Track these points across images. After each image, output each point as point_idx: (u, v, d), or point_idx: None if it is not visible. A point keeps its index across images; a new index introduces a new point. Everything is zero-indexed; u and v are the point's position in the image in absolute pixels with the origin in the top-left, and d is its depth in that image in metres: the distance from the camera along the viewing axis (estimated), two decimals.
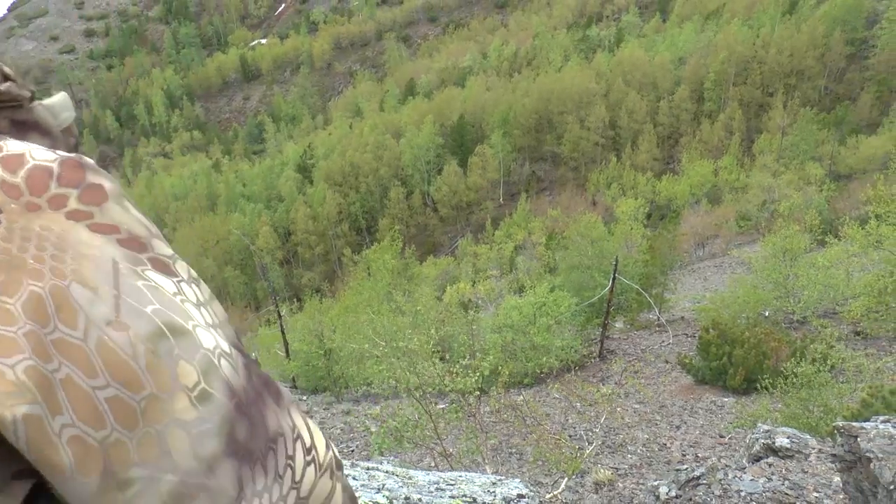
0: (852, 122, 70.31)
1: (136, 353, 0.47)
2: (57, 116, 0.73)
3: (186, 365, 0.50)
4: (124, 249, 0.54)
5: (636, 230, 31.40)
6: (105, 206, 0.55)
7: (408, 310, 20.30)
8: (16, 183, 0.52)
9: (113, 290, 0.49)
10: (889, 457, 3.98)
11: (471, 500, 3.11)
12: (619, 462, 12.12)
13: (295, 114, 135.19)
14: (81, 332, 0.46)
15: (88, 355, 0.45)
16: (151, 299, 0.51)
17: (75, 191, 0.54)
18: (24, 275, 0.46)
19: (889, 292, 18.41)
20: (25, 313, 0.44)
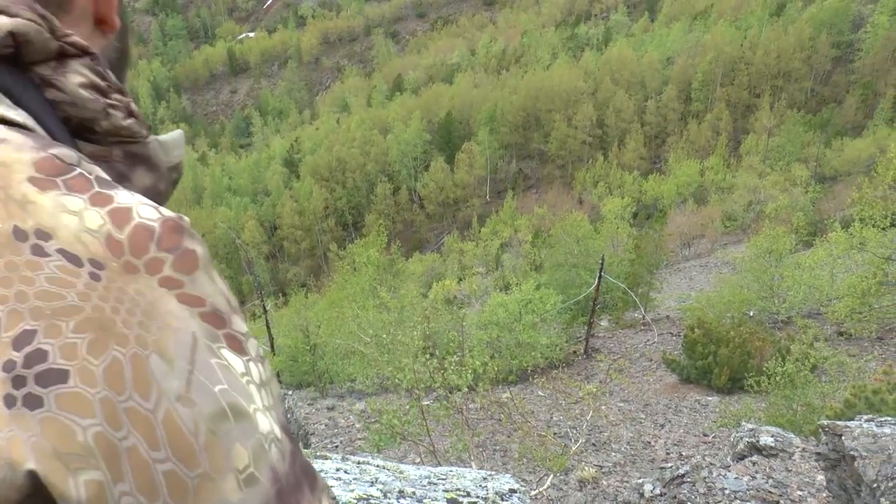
0: (837, 125, 70.84)
1: (198, 431, 0.48)
2: (168, 153, 0.76)
3: (241, 448, 0.50)
4: (205, 324, 0.54)
5: (622, 229, 31.51)
6: (195, 275, 0.55)
7: (393, 306, 20.29)
8: (120, 240, 0.52)
9: (187, 366, 0.50)
10: (872, 455, 4.01)
11: (465, 494, 3.11)
12: (603, 460, 12.16)
13: (282, 108, 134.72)
14: (152, 403, 0.46)
15: (155, 427, 0.46)
16: (221, 378, 0.52)
17: (171, 256, 0.54)
18: (111, 338, 0.47)
19: (872, 293, 18.56)
20: (105, 378, 0.45)
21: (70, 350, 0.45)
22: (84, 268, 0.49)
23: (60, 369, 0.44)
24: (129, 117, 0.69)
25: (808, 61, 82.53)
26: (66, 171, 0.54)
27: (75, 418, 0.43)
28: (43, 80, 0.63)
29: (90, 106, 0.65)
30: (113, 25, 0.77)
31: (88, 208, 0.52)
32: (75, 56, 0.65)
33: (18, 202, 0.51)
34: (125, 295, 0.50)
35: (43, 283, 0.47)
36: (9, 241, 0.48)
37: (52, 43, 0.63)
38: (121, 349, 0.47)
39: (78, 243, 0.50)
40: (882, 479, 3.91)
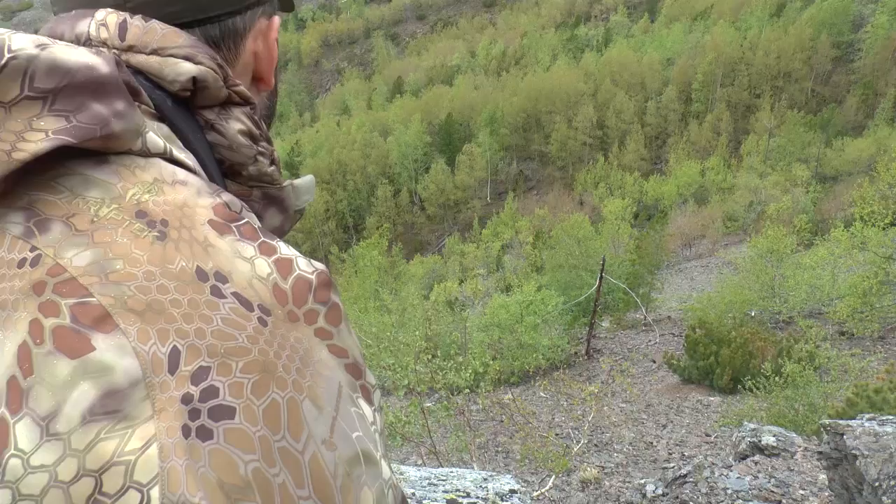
0: (838, 125, 70.77)
1: (337, 474, 0.50)
2: (299, 198, 0.81)
3: (368, 492, 0.53)
4: (348, 375, 0.57)
5: (623, 230, 31.58)
6: (340, 328, 0.59)
7: (394, 308, 20.30)
8: (285, 289, 0.56)
9: (333, 412, 0.53)
10: (874, 454, 4.01)
11: (465, 495, 3.12)
12: (605, 460, 12.16)
13: (282, 111, 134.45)
14: (302, 445, 0.49)
15: (302, 468, 0.48)
16: (357, 426, 0.55)
17: (324, 308, 0.58)
18: (272, 381, 0.50)
19: (873, 293, 18.56)
20: (264, 418, 0.48)
21: (237, 389, 0.48)
22: (254, 312, 0.53)
23: (229, 406, 0.47)
24: (272, 165, 0.75)
25: (808, 61, 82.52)
26: (238, 219, 0.59)
27: (239, 452, 0.46)
28: (207, 122, 0.69)
29: (244, 151, 0.71)
30: (269, 84, 0.85)
31: (258, 256, 0.56)
32: (238, 104, 0.71)
33: (201, 244, 0.55)
34: (287, 342, 0.53)
35: (219, 322, 0.50)
36: (193, 280, 0.52)
37: (223, 91, 0.69)
38: (280, 392, 0.50)
39: (250, 288, 0.54)
40: (884, 478, 3.91)
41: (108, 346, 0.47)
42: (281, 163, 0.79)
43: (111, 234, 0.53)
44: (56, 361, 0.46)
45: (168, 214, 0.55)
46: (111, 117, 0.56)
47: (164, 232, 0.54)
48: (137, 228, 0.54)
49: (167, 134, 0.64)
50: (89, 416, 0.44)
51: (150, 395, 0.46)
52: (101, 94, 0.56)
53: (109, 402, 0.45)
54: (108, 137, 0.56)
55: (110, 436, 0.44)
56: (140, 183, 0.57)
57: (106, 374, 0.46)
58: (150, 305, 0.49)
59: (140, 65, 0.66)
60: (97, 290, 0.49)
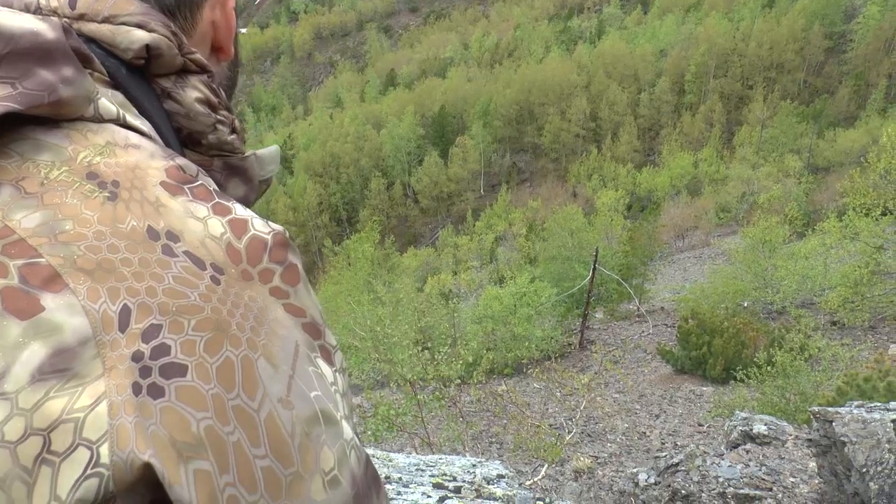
0: (830, 116, 70.92)
1: (294, 433, 0.50)
2: (263, 168, 0.80)
3: (328, 451, 0.53)
4: (305, 334, 0.57)
5: (616, 221, 31.60)
6: (298, 287, 0.59)
7: (388, 300, 20.31)
8: (238, 249, 0.56)
9: (290, 371, 0.52)
10: (862, 440, 4.04)
11: (451, 479, 3.13)
12: (598, 450, 12.22)
13: (275, 104, 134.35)
14: (257, 403, 0.49)
15: (258, 426, 0.48)
16: (316, 386, 0.54)
17: (280, 268, 0.58)
18: (225, 339, 0.50)
19: (864, 283, 18.65)
20: (218, 376, 0.48)
21: (190, 347, 0.48)
22: (206, 271, 0.53)
23: (181, 364, 0.47)
24: (233, 133, 0.74)
25: (800, 52, 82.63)
26: (191, 180, 0.59)
27: (191, 410, 0.46)
28: (164, 91, 0.68)
29: (202, 120, 0.71)
30: (228, 54, 0.84)
31: (211, 216, 0.56)
32: (195, 72, 0.71)
33: (152, 204, 0.55)
34: (241, 300, 0.53)
35: (170, 281, 0.50)
36: (144, 239, 0.52)
37: (178, 58, 0.68)
38: (234, 350, 0.50)
39: (202, 247, 0.54)
40: (871, 464, 3.95)
41: (57, 306, 0.46)
42: (245, 133, 0.79)
43: (61, 196, 0.52)
44: (6, 323, 0.45)
45: (119, 176, 0.55)
46: (59, 83, 0.55)
47: (115, 192, 0.54)
48: (88, 189, 0.53)
49: (122, 101, 0.63)
50: (38, 376, 0.44)
51: (100, 353, 0.46)
52: (47, 61, 0.55)
53: (59, 360, 0.45)
54: (56, 104, 0.55)
55: (59, 394, 0.44)
56: (92, 146, 0.57)
57: (55, 333, 0.45)
58: (99, 265, 0.49)
59: (92, 33, 0.65)
60: (46, 251, 0.48)
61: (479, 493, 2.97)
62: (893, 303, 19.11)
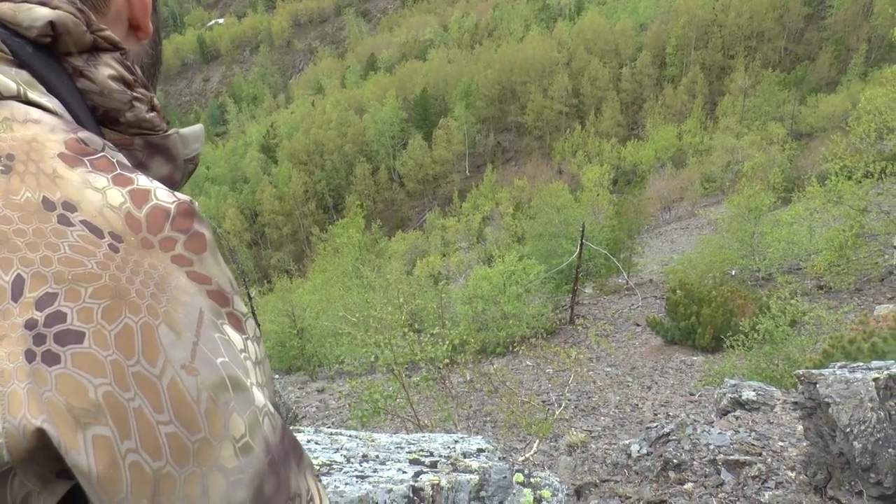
0: (812, 82, 71.06)
1: (200, 399, 0.50)
2: (187, 146, 0.79)
3: (238, 418, 0.52)
4: (211, 301, 0.57)
5: (602, 196, 31.63)
6: (203, 255, 0.58)
7: (377, 285, 20.30)
8: (139, 218, 0.55)
9: (193, 338, 0.52)
10: (845, 401, 4.07)
11: (428, 454, 3.13)
12: (592, 424, 12.25)
13: (256, 93, 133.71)
14: (158, 370, 0.48)
15: (160, 392, 0.48)
16: (223, 352, 0.54)
17: (183, 236, 0.57)
18: (124, 306, 0.49)
19: (849, 246, 18.77)
20: (116, 343, 0.47)
21: (87, 314, 0.47)
22: (104, 240, 0.52)
23: (77, 331, 0.46)
24: (152, 111, 0.73)
25: (780, 20, 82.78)
26: (92, 153, 0.58)
27: (88, 376, 0.45)
28: (75, 69, 0.67)
29: (117, 97, 0.69)
30: (146, 31, 0.82)
31: (111, 187, 0.56)
32: (107, 50, 0.69)
33: (49, 175, 0.54)
34: (140, 268, 0.52)
35: (66, 250, 0.50)
36: (38, 210, 0.51)
37: (87, 36, 0.66)
38: (133, 317, 0.49)
39: (100, 217, 0.53)
40: (855, 423, 3.97)
41: None
42: (163, 111, 0.75)
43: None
44: None
45: (15, 149, 0.54)
46: None
47: (8, 166, 0.53)
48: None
49: (26, 79, 0.61)
50: None
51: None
52: None
53: None
54: None
55: None
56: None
57: None
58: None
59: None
60: None
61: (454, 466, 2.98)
62: (878, 264, 19.26)
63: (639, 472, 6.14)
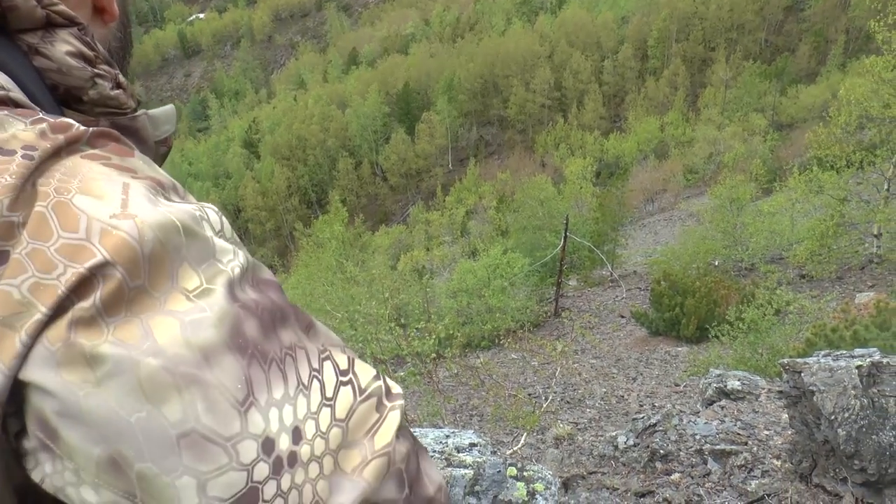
0: (792, 73, 71.43)
1: (143, 238, 0.46)
2: (157, 128, 0.76)
3: (189, 269, 0.48)
4: (144, 181, 0.53)
5: (585, 189, 31.67)
6: (127, 158, 0.55)
7: (361, 279, 20.26)
8: (52, 135, 0.52)
9: (122, 196, 0.49)
10: (830, 388, 4.10)
11: None
12: (578, 417, 12.29)
13: (238, 88, 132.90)
14: (83, 231, 0.46)
15: (91, 247, 0.45)
16: (166, 205, 0.51)
17: (109, 143, 0.56)
18: (34, 199, 0.47)
19: (830, 235, 18.92)
20: (29, 233, 0.45)
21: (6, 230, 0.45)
22: (17, 154, 0.49)
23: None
24: (117, 88, 0.70)
25: (760, 12, 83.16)
26: (17, 107, 0.56)
27: (10, 282, 0.44)
28: (31, 47, 0.64)
29: (77, 74, 0.66)
30: (112, 14, 0.79)
31: (28, 127, 0.52)
32: (63, 25, 0.66)
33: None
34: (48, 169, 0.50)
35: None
36: None
37: (37, 11, 0.63)
38: (41, 203, 0.47)
39: (13, 140, 0.51)
40: (839, 411, 4.00)
41: None
42: (132, 91, 0.74)
43: None
44: None
45: None
46: None
47: None
48: None
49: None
50: None
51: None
52: None
53: None
54: None
55: None
56: None
57: None
58: None
59: None
60: None
61: (448, 461, 2.98)
62: (858, 253, 19.43)
63: (626, 464, 6.15)
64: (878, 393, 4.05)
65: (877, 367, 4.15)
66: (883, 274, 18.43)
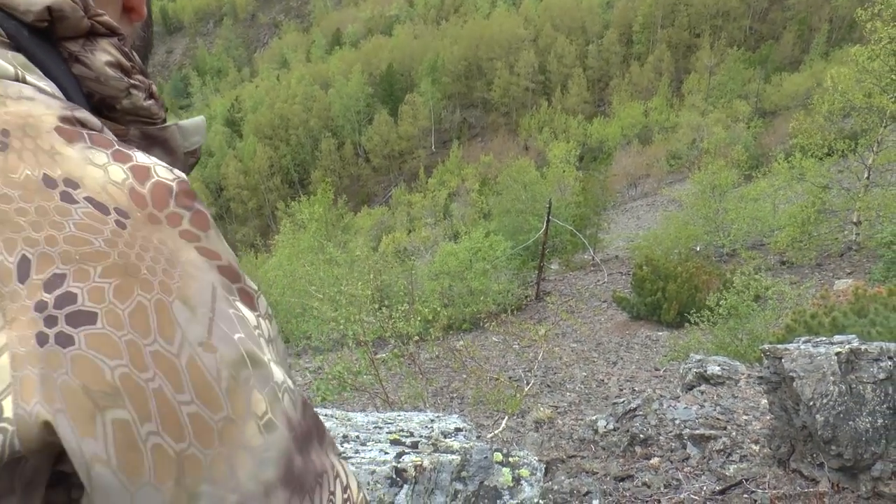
0: (776, 61, 71.73)
1: (220, 377, 0.49)
2: (187, 139, 0.78)
3: (258, 394, 0.51)
4: (222, 277, 0.55)
5: (568, 173, 31.65)
6: (209, 233, 0.57)
7: (342, 260, 20.20)
8: (143, 193, 0.54)
9: (209, 314, 0.51)
10: (809, 374, 4.13)
11: (408, 435, 3.13)
12: (558, 400, 12.33)
13: (220, 66, 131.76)
14: (176, 347, 0.47)
15: (179, 371, 0.47)
16: (238, 328, 0.53)
17: (188, 212, 0.56)
18: (136, 283, 0.48)
19: (811, 222, 19.07)
20: (130, 322, 0.46)
21: (98, 294, 0.46)
22: (111, 216, 0.50)
23: (89, 311, 0.45)
24: (150, 98, 0.71)
25: (745, 0, 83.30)
26: (89, 129, 0.56)
27: (104, 358, 0.44)
28: (71, 55, 0.65)
29: (114, 84, 0.67)
30: (140, 14, 0.82)
31: (112, 163, 0.54)
32: (104, 35, 0.67)
33: (47, 152, 0.52)
34: (149, 243, 0.51)
35: (72, 228, 0.48)
36: (39, 188, 0.49)
37: (84, 21, 0.64)
38: (145, 294, 0.48)
39: (104, 193, 0.52)
40: (817, 397, 4.04)
41: None
42: (164, 100, 0.75)
43: None
44: None
45: (9, 125, 0.52)
46: None
47: (4, 143, 0.51)
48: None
49: (23, 62, 0.60)
50: None
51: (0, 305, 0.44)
52: None
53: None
54: None
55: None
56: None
57: None
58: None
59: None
60: None
61: (435, 447, 2.98)
62: (837, 240, 19.59)
63: (605, 448, 6.18)
64: (856, 379, 4.08)
65: (855, 353, 4.18)
66: (861, 261, 18.58)
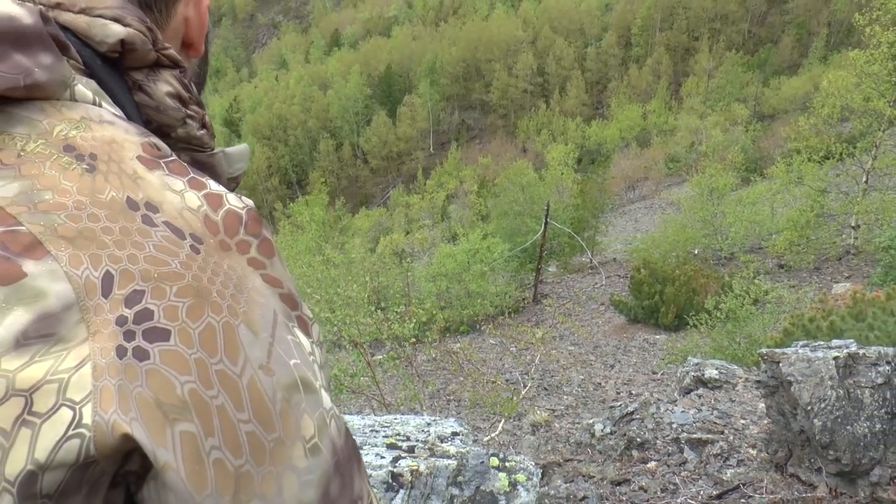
0: (774, 64, 71.83)
1: (275, 399, 0.51)
2: (231, 165, 0.82)
3: (308, 419, 0.53)
4: (283, 304, 0.58)
5: (567, 175, 31.68)
6: (273, 259, 0.60)
7: (339, 262, 20.17)
8: (216, 221, 0.57)
9: (270, 338, 0.54)
10: (807, 379, 4.11)
11: (405, 439, 3.11)
12: (555, 403, 12.30)
13: (219, 67, 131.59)
14: (239, 368, 0.50)
15: (241, 391, 0.49)
16: (295, 354, 0.56)
17: (255, 240, 0.59)
18: (206, 305, 0.51)
19: (809, 226, 19.06)
20: (200, 341, 0.49)
21: (172, 312, 0.49)
22: (186, 241, 0.54)
23: (164, 328, 0.48)
24: (203, 128, 0.75)
25: (744, 3, 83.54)
26: (165, 156, 0.60)
27: (175, 373, 0.47)
28: (135, 83, 0.69)
29: (172, 113, 0.71)
30: (198, 51, 0.85)
31: (188, 190, 0.58)
32: (167, 67, 0.71)
33: (130, 176, 0.56)
34: (220, 268, 0.54)
35: (151, 249, 0.51)
36: (123, 210, 0.53)
37: (151, 53, 0.68)
38: (215, 316, 0.51)
39: (181, 218, 0.55)
40: (815, 401, 4.02)
41: (39, 272, 0.47)
42: (213, 127, 0.79)
43: (39, 167, 0.53)
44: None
45: (96, 149, 0.56)
46: (34, 68, 0.56)
47: (92, 165, 0.54)
48: (66, 161, 0.54)
49: (95, 89, 0.63)
50: (23, 340, 0.44)
51: (84, 317, 0.46)
52: (23, 45, 0.55)
53: (43, 325, 0.45)
54: (32, 87, 0.56)
55: (44, 358, 0.45)
56: (67, 120, 0.57)
57: (39, 299, 0.46)
58: (81, 232, 0.50)
59: (68, 23, 0.65)
60: (26, 219, 0.49)
61: (432, 451, 2.95)
62: (835, 244, 19.59)
63: (602, 452, 6.16)
64: (854, 384, 4.07)
65: (853, 358, 4.16)
66: (859, 265, 18.58)
